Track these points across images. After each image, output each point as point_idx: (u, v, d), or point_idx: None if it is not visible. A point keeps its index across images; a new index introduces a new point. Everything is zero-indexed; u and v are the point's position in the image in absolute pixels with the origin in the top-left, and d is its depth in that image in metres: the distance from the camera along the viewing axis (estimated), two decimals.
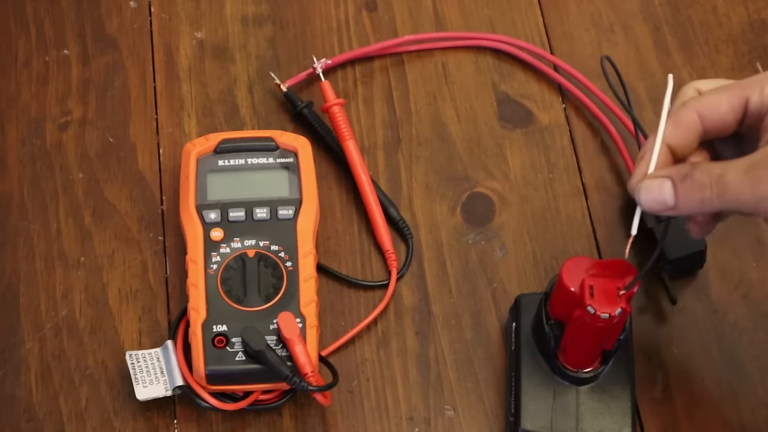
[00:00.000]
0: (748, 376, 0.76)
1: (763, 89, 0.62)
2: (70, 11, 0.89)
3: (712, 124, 0.63)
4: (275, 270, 0.75)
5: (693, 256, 0.78)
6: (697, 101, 0.64)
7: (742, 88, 0.63)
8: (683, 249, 0.77)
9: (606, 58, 0.72)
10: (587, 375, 0.72)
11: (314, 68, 0.85)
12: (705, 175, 0.61)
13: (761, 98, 0.62)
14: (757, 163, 0.60)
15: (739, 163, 0.61)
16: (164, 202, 0.82)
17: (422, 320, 0.79)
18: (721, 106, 0.63)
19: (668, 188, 0.62)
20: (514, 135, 0.85)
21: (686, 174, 0.62)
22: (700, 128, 0.63)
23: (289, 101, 0.85)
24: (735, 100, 0.63)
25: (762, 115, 0.62)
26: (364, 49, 0.87)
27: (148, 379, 0.73)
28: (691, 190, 0.62)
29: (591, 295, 0.66)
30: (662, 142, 0.63)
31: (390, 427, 0.75)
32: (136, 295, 0.79)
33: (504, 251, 0.81)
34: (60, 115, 0.85)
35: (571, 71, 0.86)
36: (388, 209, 0.81)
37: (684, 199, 0.62)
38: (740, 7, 0.91)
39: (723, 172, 0.61)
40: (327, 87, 0.84)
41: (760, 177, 0.60)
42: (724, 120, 0.63)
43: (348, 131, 0.82)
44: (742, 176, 0.60)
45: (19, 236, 0.80)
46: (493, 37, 0.88)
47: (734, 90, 0.63)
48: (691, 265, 0.79)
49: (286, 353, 0.72)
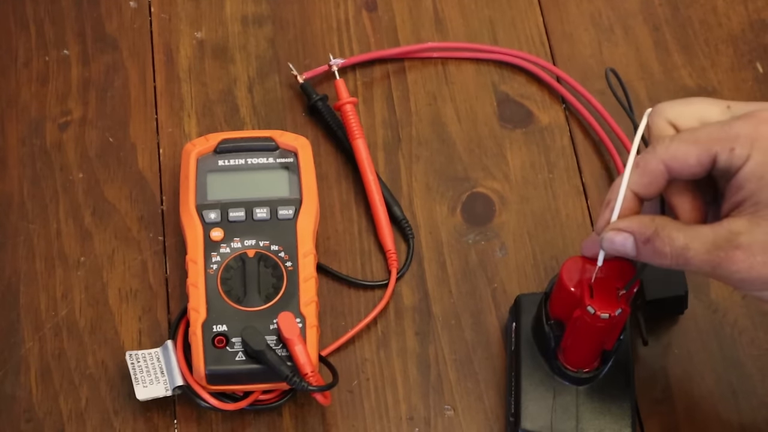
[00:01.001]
0: (748, 376, 0.76)
1: (733, 150, 0.61)
2: (70, 11, 0.89)
3: (680, 174, 0.63)
4: (275, 270, 0.75)
5: (672, 300, 0.76)
6: (665, 150, 0.62)
7: (712, 143, 0.61)
8: (663, 291, 0.76)
9: (611, 71, 0.71)
10: (587, 375, 0.72)
11: (330, 66, 0.85)
12: (667, 246, 0.61)
13: (729, 158, 0.61)
14: (718, 244, 0.60)
15: (702, 239, 0.61)
16: (164, 202, 0.82)
17: (422, 320, 0.79)
18: (688, 160, 0.62)
19: (630, 244, 0.63)
20: (514, 135, 0.85)
21: (648, 238, 0.62)
22: (667, 177, 0.63)
23: (304, 93, 0.85)
24: (703, 156, 0.62)
25: (729, 176, 0.61)
26: (383, 51, 0.87)
27: (148, 379, 0.73)
28: (652, 255, 0.62)
29: (591, 295, 0.66)
30: (627, 188, 0.63)
31: (390, 427, 0.75)
32: (136, 295, 0.79)
33: (504, 251, 0.81)
34: (60, 115, 0.85)
35: (573, 83, 0.86)
36: (392, 208, 0.81)
37: (645, 257, 0.63)
38: (740, 7, 0.91)
39: (685, 247, 0.61)
40: (341, 85, 0.84)
41: (721, 260, 0.60)
42: (691, 172, 0.62)
43: (359, 129, 0.82)
44: (704, 256, 0.60)
45: (19, 236, 0.80)
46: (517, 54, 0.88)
47: (703, 144, 0.62)
48: (670, 309, 0.77)
49: (286, 353, 0.72)
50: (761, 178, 0.60)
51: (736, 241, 0.60)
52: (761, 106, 0.62)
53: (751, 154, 0.60)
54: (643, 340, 0.76)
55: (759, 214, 0.60)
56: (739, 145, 0.61)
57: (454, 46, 0.88)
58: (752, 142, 0.60)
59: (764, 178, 0.60)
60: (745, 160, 0.60)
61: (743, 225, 0.60)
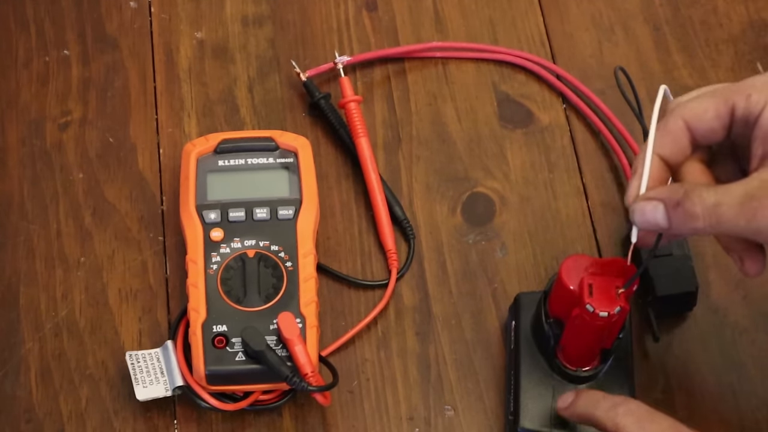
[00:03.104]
0: (748, 376, 0.76)
1: (750, 96, 0.61)
2: (70, 11, 0.89)
3: (700, 132, 0.62)
4: (275, 270, 0.75)
5: (683, 297, 0.76)
6: (683, 108, 0.63)
7: (728, 94, 0.61)
8: (674, 288, 0.76)
9: (620, 69, 0.71)
10: (586, 374, 0.71)
11: (335, 64, 0.85)
12: (698, 206, 0.60)
13: (747, 106, 0.61)
14: (751, 193, 0.59)
15: (733, 193, 0.59)
16: (164, 202, 0.82)
17: (422, 320, 0.79)
18: (707, 114, 0.62)
19: (661, 212, 0.61)
20: (514, 135, 0.85)
21: (678, 201, 0.60)
22: (689, 135, 0.63)
23: (307, 91, 0.85)
24: (721, 107, 0.61)
25: (750, 124, 0.61)
26: (385, 50, 0.87)
27: (148, 379, 0.73)
28: (684, 219, 0.61)
29: (590, 293, 0.66)
30: (653, 153, 0.63)
31: (390, 427, 0.75)
32: (136, 295, 0.79)
33: (504, 251, 0.81)
34: (60, 115, 0.85)
35: (574, 81, 0.86)
36: (394, 208, 0.81)
37: (677, 224, 0.61)
38: (740, 7, 0.91)
39: (717, 203, 0.59)
40: (346, 83, 0.84)
41: (755, 210, 0.58)
42: (711, 128, 0.62)
43: (362, 128, 0.82)
44: (737, 209, 0.59)
45: (19, 236, 0.81)
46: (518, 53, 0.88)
47: (720, 96, 0.62)
48: (680, 306, 0.77)
49: (286, 353, 0.72)
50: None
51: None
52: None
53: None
54: (654, 337, 0.77)
55: None
56: (756, 92, 0.60)
57: (456, 46, 0.88)
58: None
59: None
60: (764, 105, 0.60)
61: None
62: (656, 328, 0.76)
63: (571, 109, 0.86)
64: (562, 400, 0.69)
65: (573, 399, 0.68)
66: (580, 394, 0.68)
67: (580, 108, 0.86)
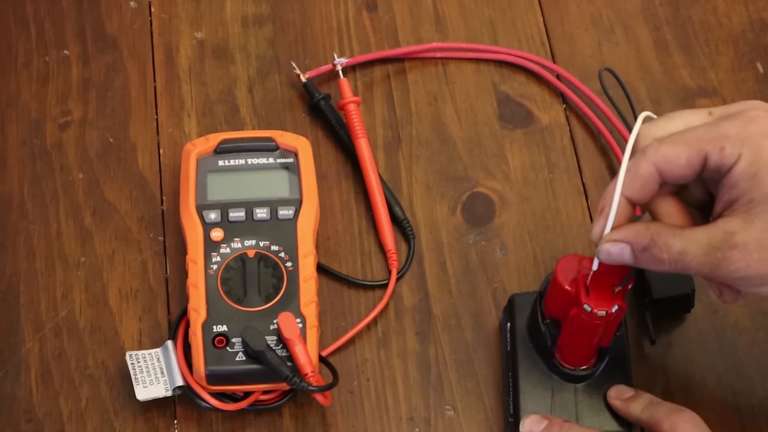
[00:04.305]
0: (748, 376, 0.76)
1: (724, 149, 0.61)
2: (70, 11, 0.89)
3: (670, 176, 0.63)
4: (275, 270, 0.75)
5: (679, 299, 0.76)
6: (655, 152, 0.62)
7: (701, 144, 0.61)
8: (670, 290, 0.76)
9: (606, 70, 0.71)
10: (584, 372, 0.71)
11: (334, 65, 0.85)
12: (665, 253, 0.62)
13: (720, 158, 0.61)
14: (715, 245, 0.61)
15: (698, 242, 0.61)
16: (164, 202, 0.82)
17: (422, 320, 0.79)
18: (678, 161, 0.62)
19: (628, 254, 0.63)
20: (514, 135, 0.85)
21: (645, 247, 0.62)
22: (659, 180, 0.63)
23: (307, 92, 0.85)
24: (694, 157, 0.62)
25: (720, 174, 0.61)
26: (385, 51, 0.87)
27: (148, 379, 0.73)
28: (650, 262, 0.63)
29: (587, 293, 0.66)
30: (621, 195, 0.63)
31: (390, 427, 0.75)
32: (136, 295, 0.79)
33: (504, 251, 0.81)
34: (60, 115, 0.85)
35: (574, 81, 0.86)
36: (394, 208, 0.81)
37: (644, 265, 0.63)
38: (740, 7, 0.91)
39: (682, 252, 0.61)
40: (345, 84, 0.84)
41: (719, 260, 0.60)
42: (682, 174, 0.62)
43: (362, 129, 0.82)
44: (702, 259, 0.61)
45: (19, 236, 0.81)
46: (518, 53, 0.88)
47: (693, 146, 0.61)
48: (677, 308, 0.77)
49: (286, 353, 0.72)
50: (753, 177, 0.60)
51: (731, 241, 0.60)
52: (743, 107, 0.63)
53: (742, 153, 0.60)
54: (651, 340, 0.76)
55: (752, 212, 0.60)
56: (730, 144, 0.61)
57: (456, 46, 0.88)
58: (742, 140, 0.61)
59: (756, 176, 0.60)
60: (736, 159, 0.61)
61: (737, 224, 0.61)
62: (652, 330, 0.76)
63: (571, 109, 0.86)
64: (618, 390, 0.71)
65: (632, 395, 0.71)
66: (640, 392, 0.71)
67: (580, 108, 0.86)
